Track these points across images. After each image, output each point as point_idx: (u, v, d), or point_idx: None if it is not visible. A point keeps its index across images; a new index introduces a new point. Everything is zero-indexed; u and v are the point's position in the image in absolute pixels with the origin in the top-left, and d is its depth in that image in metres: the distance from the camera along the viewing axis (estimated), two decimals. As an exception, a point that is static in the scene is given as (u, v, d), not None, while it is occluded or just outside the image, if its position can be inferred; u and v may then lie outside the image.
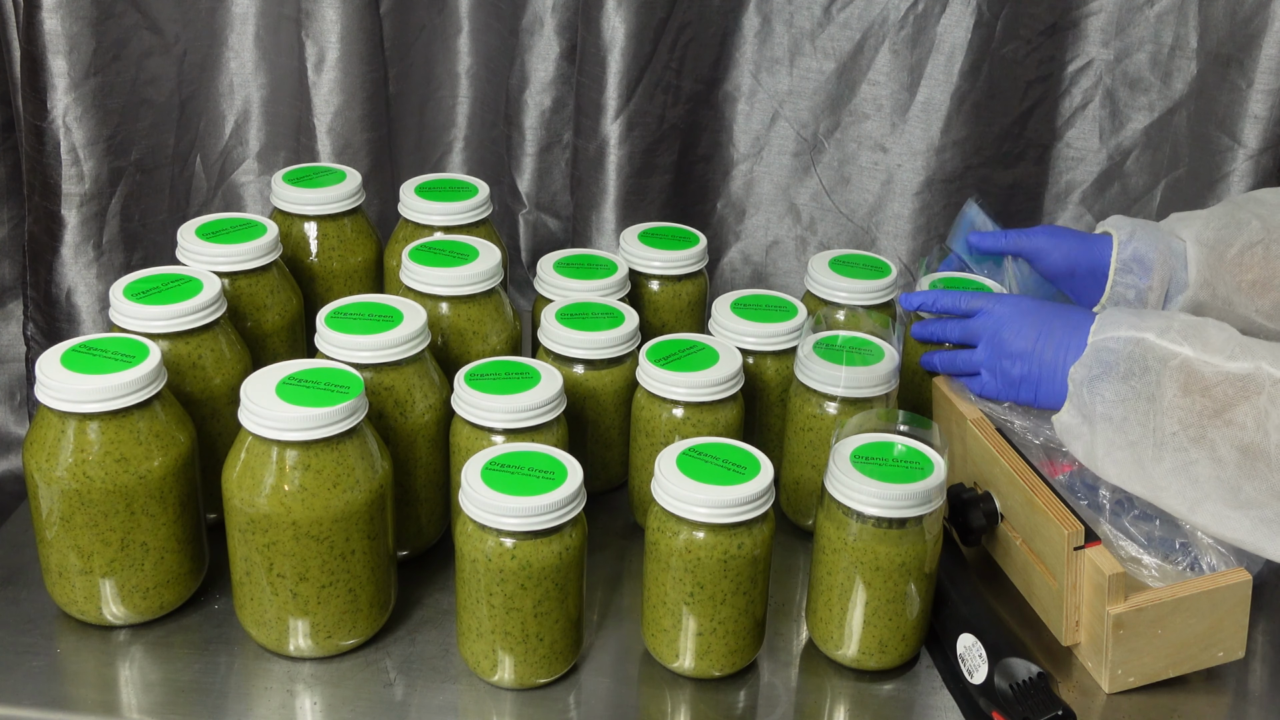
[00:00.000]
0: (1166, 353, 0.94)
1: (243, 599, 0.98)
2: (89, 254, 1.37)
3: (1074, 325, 1.02)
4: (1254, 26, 1.26)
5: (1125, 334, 0.97)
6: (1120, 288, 1.12)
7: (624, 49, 1.35)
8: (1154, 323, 0.96)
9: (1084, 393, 0.97)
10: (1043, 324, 1.03)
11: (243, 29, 1.42)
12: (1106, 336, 0.98)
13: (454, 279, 1.11)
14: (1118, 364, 0.96)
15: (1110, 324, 0.99)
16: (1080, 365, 0.98)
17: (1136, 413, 0.94)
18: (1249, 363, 0.91)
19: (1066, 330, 1.02)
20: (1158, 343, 0.95)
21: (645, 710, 0.98)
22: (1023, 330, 1.04)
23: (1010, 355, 1.05)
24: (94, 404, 0.93)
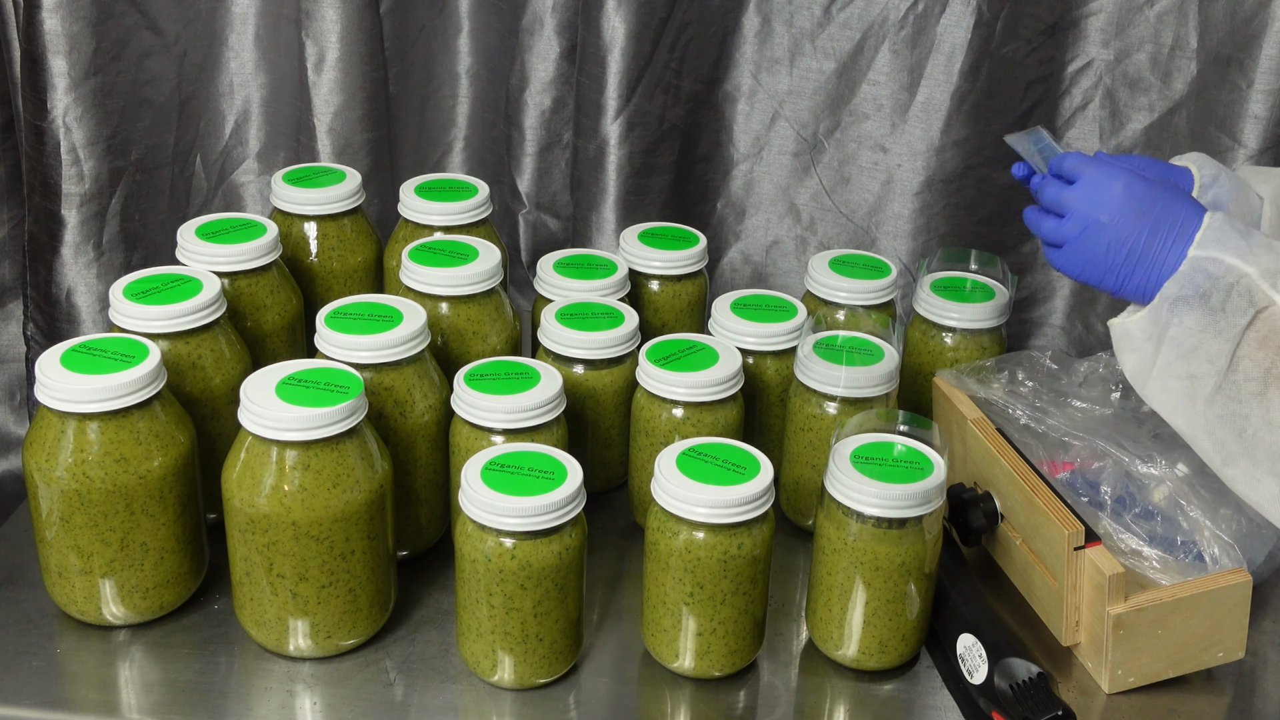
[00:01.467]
0: (1263, 298, 0.89)
1: (242, 599, 0.98)
2: (89, 254, 1.37)
3: (1181, 223, 0.94)
4: (1254, 26, 1.26)
5: (1230, 260, 0.91)
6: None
7: (624, 49, 1.35)
8: (1262, 259, 0.90)
9: (1164, 309, 0.92)
10: (1147, 210, 0.95)
11: (243, 29, 1.42)
12: (1209, 256, 0.92)
13: (454, 279, 1.11)
14: (1212, 292, 0.90)
15: (1217, 242, 0.92)
16: (1175, 280, 0.92)
17: (1209, 348, 0.90)
18: None
19: (1172, 227, 0.94)
20: (1259, 284, 0.89)
21: (645, 710, 0.98)
22: (1124, 214, 0.95)
23: (1105, 237, 0.96)
24: (94, 404, 0.93)
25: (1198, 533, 1.02)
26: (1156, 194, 0.95)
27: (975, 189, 1.42)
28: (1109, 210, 0.95)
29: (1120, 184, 0.96)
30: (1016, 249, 1.48)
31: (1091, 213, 0.96)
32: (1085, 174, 0.98)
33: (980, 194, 1.43)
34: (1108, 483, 1.06)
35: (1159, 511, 1.04)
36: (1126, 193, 0.95)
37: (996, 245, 1.45)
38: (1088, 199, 0.97)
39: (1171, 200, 0.95)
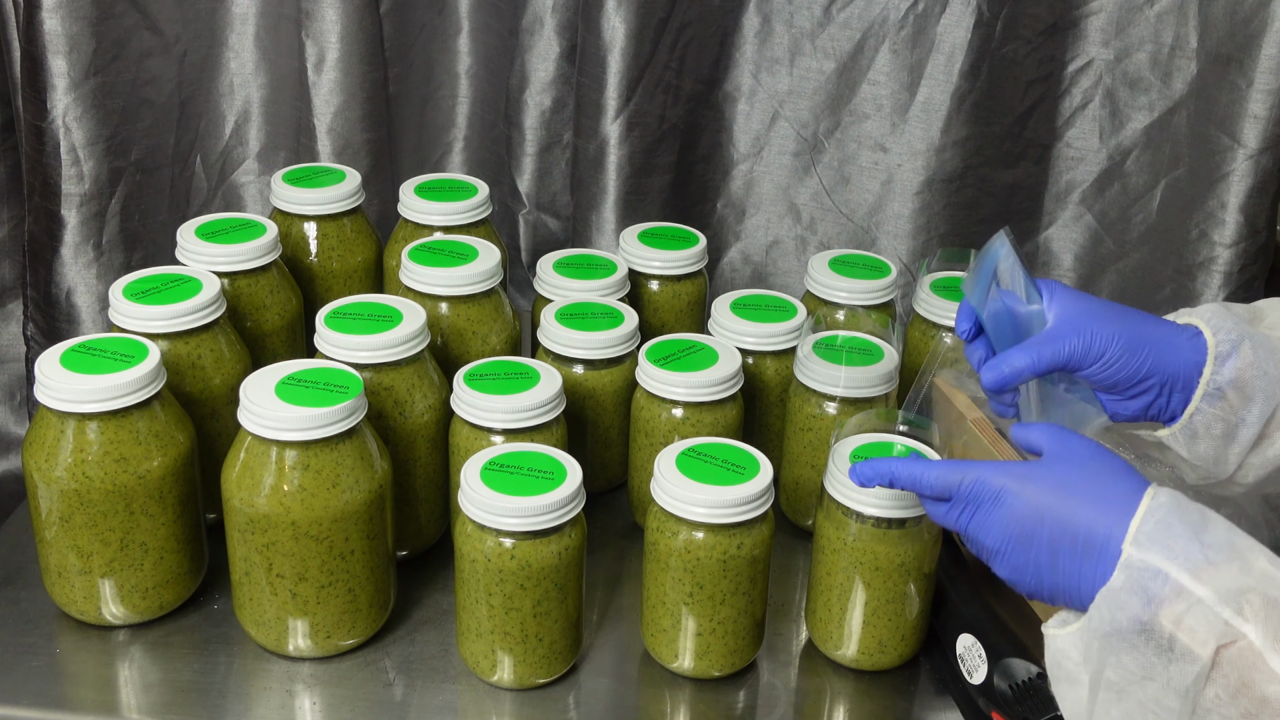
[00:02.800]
0: (1226, 632, 0.67)
1: (242, 599, 0.98)
2: (89, 254, 1.37)
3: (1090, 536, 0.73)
4: (1254, 26, 1.26)
5: (1176, 577, 0.68)
6: (1204, 417, 0.85)
7: (624, 49, 1.35)
8: (1222, 574, 0.68)
9: (1094, 644, 0.71)
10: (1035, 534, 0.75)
11: (243, 29, 1.42)
12: (1149, 565, 0.69)
13: (454, 279, 1.11)
14: (1155, 625, 0.68)
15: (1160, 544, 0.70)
16: (1103, 598, 0.71)
17: (1160, 705, 0.69)
18: None
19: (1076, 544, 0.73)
20: (1217, 611, 0.67)
21: (645, 710, 0.98)
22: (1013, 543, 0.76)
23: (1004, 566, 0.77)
24: (93, 404, 0.93)
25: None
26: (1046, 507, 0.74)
27: (975, 189, 1.42)
28: (993, 539, 0.77)
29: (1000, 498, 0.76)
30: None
31: (980, 539, 0.78)
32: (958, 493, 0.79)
33: (980, 194, 1.43)
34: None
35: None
36: (1006, 514, 0.76)
37: (996, 245, 1.45)
38: (970, 520, 0.78)
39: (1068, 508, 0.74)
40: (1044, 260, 1.47)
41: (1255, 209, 1.32)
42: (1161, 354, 0.85)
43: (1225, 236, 1.33)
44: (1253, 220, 1.32)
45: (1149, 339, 0.85)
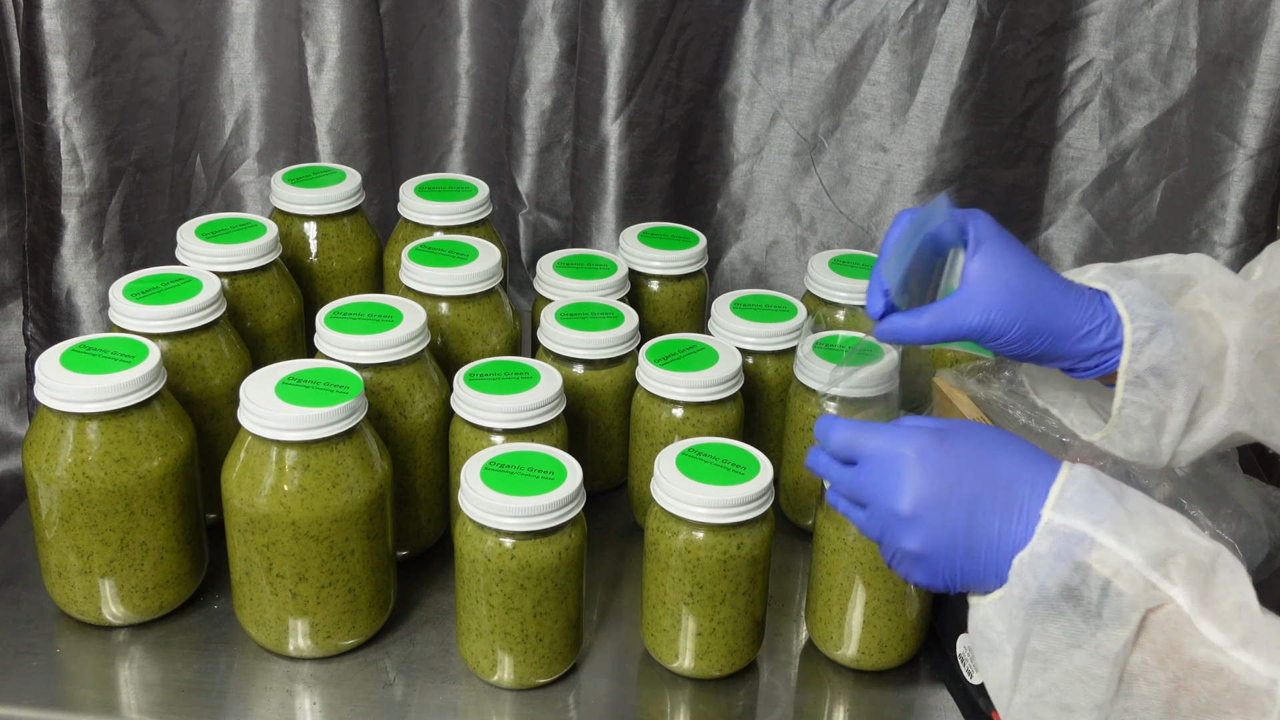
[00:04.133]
0: (1154, 595, 0.65)
1: (242, 599, 0.98)
2: (89, 254, 1.37)
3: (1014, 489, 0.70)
4: (1254, 26, 1.26)
5: (1103, 540, 0.67)
6: (1131, 409, 0.84)
7: (624, 49, 1.35)
8: (1148, 537, 0.67)
9: (1019, 612, 0.68)
10: (953, 490, 0.71)
11: (243, 29, 1.42)
12: (1073, 530, 0.67)
13: (454, 279, 1.11)
14: (1082, 591, 0.66)
15: (1085, 507, 0.68)
16: (1025, 565, 0.68)
17: (1089, 673, 0.67)
18: (1263, 665, 0.63)
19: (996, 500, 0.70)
20: (1144, 574, 0.66)
21: (645, 710, 0.98)
22: (925, 502, 0.71)
23: (916, 533, 0.72)
24: (93, 404, 0.93)
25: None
26: (963, 461, 0.71)
27: (975, 189, 1.42)
28: (906, 498, 0.72)
29: (911, 456, 0.72)
30: (1016, 249, 1.48)
31: (888, 503, 0.73)
32: (864, 453, 0.75)
33: (980, 194, 1.43)
34: (1107, 482, 1.05)
35: (1159, 511, 1.04)
36: (921, 469, 0.71)
37: (996, 245, 1.45)
38: (879, 487, 0.73)
39: (986, 463, 0.71)
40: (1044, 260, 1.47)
41: (1255, 209, 1.32)
42: (1059, 343, 0.83)
43: (1225, 236, 1.33)
44: (1253, 220, 1.32)
45: (1049, 330, 0.83)
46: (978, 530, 0.70)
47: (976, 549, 0.70)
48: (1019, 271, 0.83)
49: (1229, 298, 0.83)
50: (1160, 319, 0.82)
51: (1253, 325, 0.81)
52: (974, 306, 0.83)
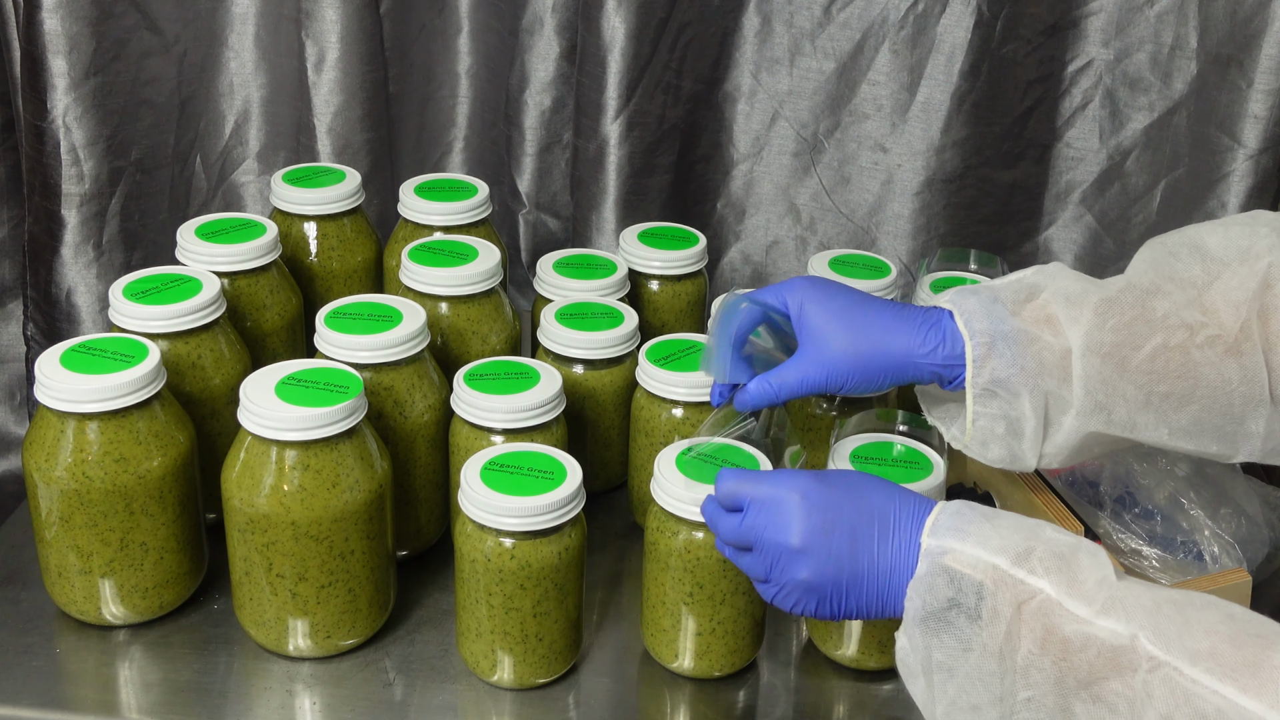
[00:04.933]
0: (1022, 590, 0.72)
1: (242, 599, 0.98)
2: (89, 254, 1.37)
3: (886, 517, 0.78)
4: (1254, 26, 1.26)
5: (971, 552, 0.74)
6: (985, 421, 0.88)
7: (624, 49, 1.35)
8: (1011, 541, 0.74)
9: (916, 633, 0.75)
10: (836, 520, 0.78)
11: (243, 29, 1.42)
12: (946, 548, 0.75)
13: (453, 279, 1.11)
14: (961, 598, 0.73)
15: (955, 529, 0.76)
16: (913, 589, 0.75)
17: (983, 671, 0.73)
18: (1123, 625, 0.69)
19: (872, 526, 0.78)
20: (1011, 573, 0.73)
21: (645, 710, 0.98)
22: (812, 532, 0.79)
23: (805, 564, 0.79)
24: (93, 404, 0.93)
25: (1198, 532, 1.02)
26: (840, 497, 0.79)
27: (975, 189, 1.42)
28: (794, 531, 0.79)
29: (796, 496, 0.79)
30: (1016, 249, 1.48)
31: (777, 538, 0.79)
32: (750, 498, 0.82)
33: (980, 194, 1.43)
34: (1107, 482, 1.05)
35: (1159, 511, 1.04)
36: (805, 505, 0.79)
37: (996, 245, 1.45)
38: (767, 525, 0.80)
39: (860, 497, 0.79)
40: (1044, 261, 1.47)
41: (1255, 209, 1.32)
42: (902, 369, 0.89)
43: (1225, 236, 1.33)
44: (1253, 220, 1.32)
45: (885, 361, 0.89)
46: (860, 556, 0.78)
47: (859, 574, 0.78)
48: (841, 319, 0.90)
49: (1072, 303, 0.87)
50: (996, 333, 0.87)
51: (1094, 329, 0.85)
52: (811, 364, 0.90)
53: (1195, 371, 0.84)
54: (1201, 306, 0.86)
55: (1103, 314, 0.86)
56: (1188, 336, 0.85)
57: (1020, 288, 0.89)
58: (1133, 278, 0.88)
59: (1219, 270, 0.86)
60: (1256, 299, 0.84)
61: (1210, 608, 0.70)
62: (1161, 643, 0.68)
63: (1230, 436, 0.86)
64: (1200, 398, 0.85)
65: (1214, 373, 0.84)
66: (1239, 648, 0.67)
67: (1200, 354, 0.84)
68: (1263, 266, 0.85)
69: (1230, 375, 0.84)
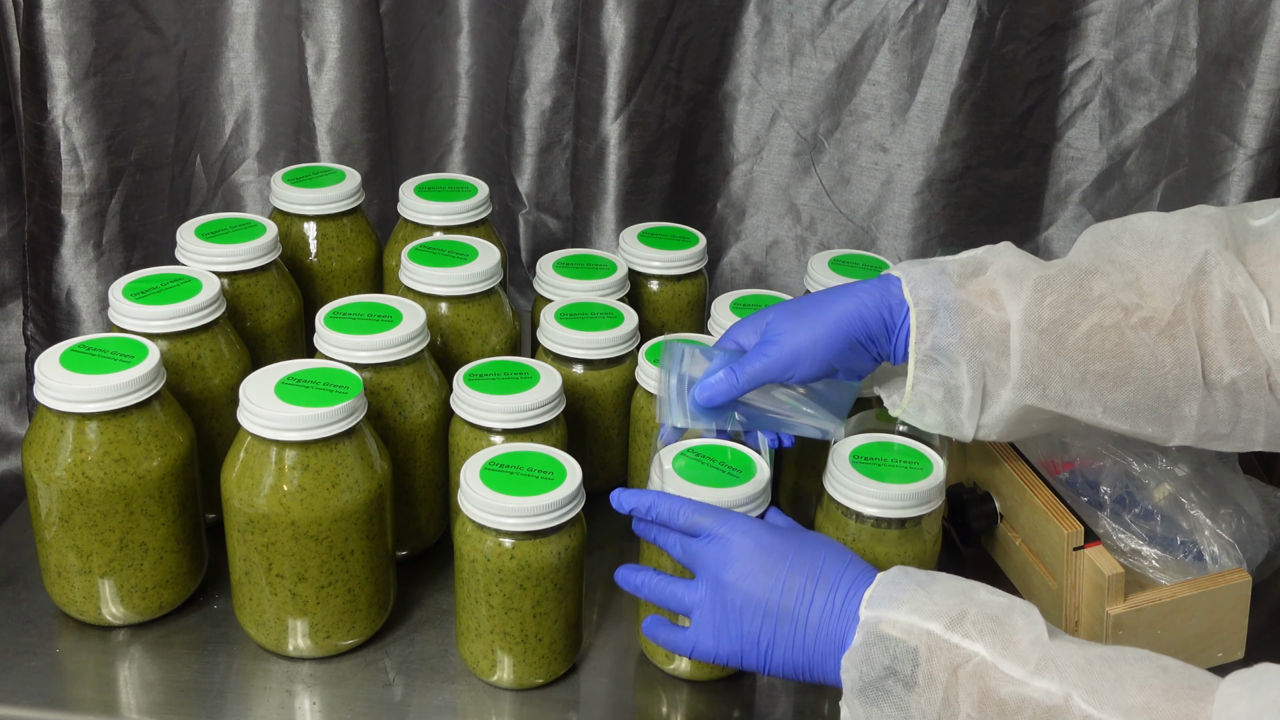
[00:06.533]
0: (957, 654, 0.74)
1: (242, 599, 0.98)
2: (89, 254, 1.37)
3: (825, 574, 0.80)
4: (1254, 26, 1.26)
5: (905, 619, 0.76)
6: (923, 386, 0.90)
7: (624, 49, 1.35)
8: (944, 606, 0.76)
9: (856, 703, 0.77)
10: (777, 563, 0.81)
11: (243, 29, 1.42)
12: (883, 620, 0.77)
13: (453, 279, 1.11)
14: (897, 666, 0.75)
15: (890, 599, 0.77)
16: (850, 660, 0.77)
17: None
18: (1056, 685, 0.71)
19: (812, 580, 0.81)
20: (946, 638, 0.74)
21: (644, 710, 0.98)
22: (754, 571, 0.82)
23: (733, 606, 0.82)
24: (93, 404, 0.93)
25: (1198, 532, 1.02)
26: (787, 547, 0.82)
27: (975, 189, 1.42)
28: (734, 568, 0.82)
29: (743, 537, 0.83)
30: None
31: (719, 572, 0.83)
32: (708, 530, 0.85)
33: (980, 194, 1.43)
34: (1107, 482, 1.05)
35: (1159, 511, 1.04)
36: (751, 544, 0.82)
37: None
38: (714, 557, 0.83)
39: (806, 551, 0.82)
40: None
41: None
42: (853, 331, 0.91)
43: (1225, 236, 1.33)
44: (1253, 220, 1.32)
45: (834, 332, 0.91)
46: (793, 610, 0.80)
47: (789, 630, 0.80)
48: (793, 305, 0.94)
49: (1013, 279, 0.89)
50: (939, 302, 0.89)
51: (1033, 305, 0.87)
52: (767, 346, 0.92)
53: (1130, 352, 0.86)
54: (1138, 289, 0.87)
55: (1041, 290, 0.87)
56: (1123, 317, 0.86)
57: (968, 262, 0.92)
58: (1073, 259, 0.90)
59: (1156, 254, 0.88)
60: (1191, 284, 0.86)
61: (1143, 661, 0.71)
62: (1095, 700, 0.69)
63: (1165, 419, 0.88)
64: (1135, 379, 0.86)
65: (1148, 354, 0.86)
66: (1172, 700, 0.68)
67: (1134, 335, 0.86)
68: (1199, 253, 0.87)
69: (1164, 358, 0.86)
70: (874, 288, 0.92)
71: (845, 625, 0.78)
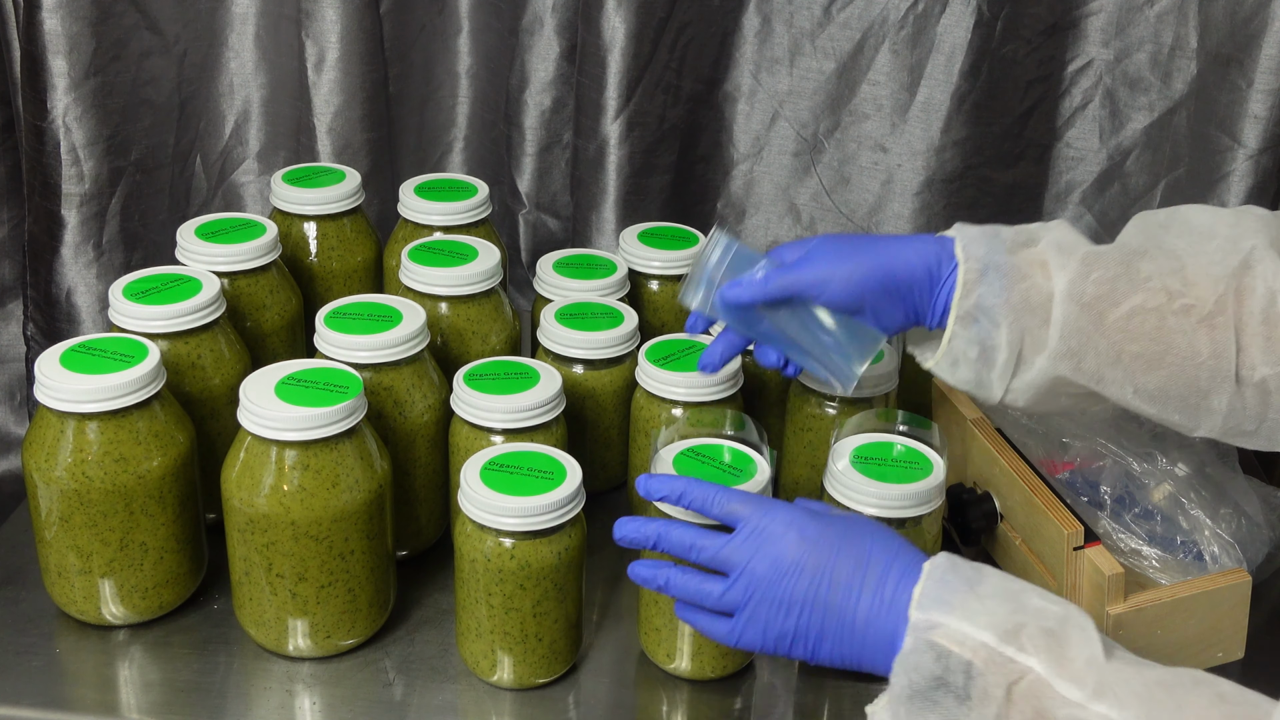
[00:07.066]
0: (1012, 669, 0.71)
1: (242, 599, 0.98)
2: (89, 254, 1.37)
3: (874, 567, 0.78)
4: (1254, 26, 1.26)
5: (958, 626, 0.73)
6: (959, 342, 0.89)
7: (624, 49, 1.35)
8: (998, 615, 0.73)
9: (902, 711, 0.75)
10: (826, 560, 0.79)
11: (243, 29, 1.43)
12: (932, 622, 0.74)
13: (453, 279, 1.11)
14: (948, 677, 0.73)
15: (940, 601, 0.75)
16: (899, 664, 0.75)
17: None
18: (1116, 712, 0.69)
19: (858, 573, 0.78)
20: (1001, 651, 0.72)
21: (644, 710, 0.98)
22: (801, 563, 0.79)
23: (778, 599, 0.79)
24: (93, 404, 0.93)
25: (1198, 532, 1.02)
26: (834, 537, 0.79)
27: (975, 189, 1.42)
28: (780, 565, 0.79)
29: (785, 529, 0.80)
30: (1016, 249, 1.48)
31: (760, 568, 0.80)
32: (746, 521, 0.82)
33: (980, 194, 1.43)
34: (1107, 482, 1.05)
35: (1159, 511, 1.04)
36: (796, 537, 0.79)
37: (996, 245, 1.45)
38: (755, 552, 0.80)
39: (853, 540, 0.79)
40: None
41: (1253, 209, 1.32)
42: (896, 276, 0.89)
43: (1225, 236, 1.33)
44: (1253, 220, 1.32)
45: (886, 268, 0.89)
46: (839, 605, 0.78)
47: (837, 621, 0.78)
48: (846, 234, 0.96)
49: (1062, 251, 0.88)
50: (990, 262, 0.88)
51: (1078, 278, 0.87)
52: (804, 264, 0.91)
53: (1168, 337, 0.86)
54: (1183, 276, 0.87)
55: (1089, 265, 0.87)
56: (1165, 301, 0.86)
57: (1022, 232, 0.91)
58: (1122, 239, 0.91)
59: (1203, 245, 0.88)
60: (1235, 277, 0.86)
61: (1200, 686, 0.70)
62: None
63: (1193, 409, 0.87)
64: (1169, 364, 0.86)
65: (1185, 342, 0.86)
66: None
67: (1174, 320, 0.86)
68: (1246, 247, 0.87)
69: (1200, 347, 0.86)
70: (927, 240, 0.91)
71: (895, 623, 0.76)
